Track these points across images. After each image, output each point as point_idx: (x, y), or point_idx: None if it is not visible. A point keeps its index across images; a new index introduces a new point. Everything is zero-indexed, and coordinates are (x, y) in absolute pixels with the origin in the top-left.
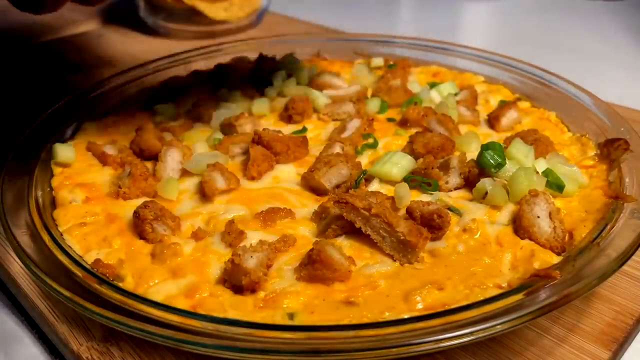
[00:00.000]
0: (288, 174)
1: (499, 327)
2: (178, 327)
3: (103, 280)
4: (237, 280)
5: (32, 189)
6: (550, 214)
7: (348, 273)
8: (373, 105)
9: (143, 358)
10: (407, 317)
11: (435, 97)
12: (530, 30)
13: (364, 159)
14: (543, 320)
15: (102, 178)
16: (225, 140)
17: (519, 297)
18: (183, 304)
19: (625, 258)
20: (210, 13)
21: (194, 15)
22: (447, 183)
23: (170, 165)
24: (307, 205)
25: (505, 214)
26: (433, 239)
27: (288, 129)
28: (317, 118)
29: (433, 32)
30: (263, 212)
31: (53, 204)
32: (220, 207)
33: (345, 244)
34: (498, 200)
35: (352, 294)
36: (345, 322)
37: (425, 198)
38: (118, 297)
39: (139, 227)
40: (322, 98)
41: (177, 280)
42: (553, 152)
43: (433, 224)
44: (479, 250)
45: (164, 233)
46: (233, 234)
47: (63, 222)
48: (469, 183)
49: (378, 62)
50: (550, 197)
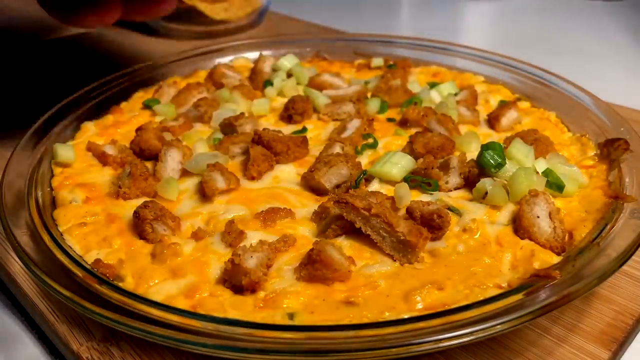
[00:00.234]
0: (288, 174)
1: (499, 327)
2: (178, 327)
3: (103, 280)
4: (237, 280)
5: (32, 189)
6: (550, 214)
7: (348, 273)
8: (373, 105)
9: (143, 358)
10: (407, 317)
11: (435, 97)
12: (530, 31)
13: (364, 159)
14: (543, 320)
15: (102, 178)
16: (225, 140)
17: (519, 297)
18: (183, 304)
19: (625, 258)
20: (210, 13)
21: (194, 16)
22: (447, 183)
23: (170, 165)
24: (307, 205)
25: (505, 214)
26: (433, 239)
27: (288, 129)
28: (317, 118)
29: (433, 32)
30: (263, 212)
31: (53, 204)
32: (220, 207)
33: (345, 244)
34: (498, 200)
35: (352, 294)
36: (345, 322)
37: (425, 198)
38: (118, 297)
39: (139, 227)
40: (322, 98)
41: (177, 280)
42: (553, 152)
43: (433, 224)
44: (479, 250)
45: (164, 233)
46: (233, 234)
47: (63, 222)
48: (469, 183)
49: (378, 62)
50: (550, 197)
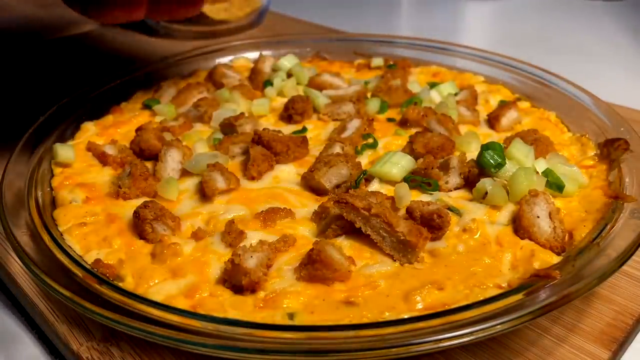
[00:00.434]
0: (288, 174)
1: (499, 327)
2: (178, 327)
3: (103, 280)
4: (237, 280)
5: (32, 189)
6: (550, 214)
7: (348, 273)
8: (373, 105)
9: (143, 358)
10: (407, 317)
11: (435, 97)
12: (531, 30)
13: (364, 159)
14: (543, 320)
15: (102, 178)
16: (225, 140)
17: (519, 297)
18: (183, 304)
19: (625, 258)
20: (210, 13)
21: (194, 15)
22: (447, 183)
23: (170, 165)
24: (307, 205)
25: (505, 214)
26: (433, 239)
27: (288, 129)
28: (317, 118)
29: (433, 32)
30: (263, 212)
31: (53, 204)
32: (220, 207)
33: (345, 244)
34: (498, 200)
35: (352, 294)
36: (345, 322)
37: (425, 198)
38: (118, 297)
39: (139, 227)
40: (322, 98)
41: (177, 280)
42: (553, 152)
43: (433, 224)
44: (479, 250)
45: (164, 233)
46: (233, 234)
47: (63, 222)
48: (469, 183)
49: (378, 62)
50: (550, 197)
